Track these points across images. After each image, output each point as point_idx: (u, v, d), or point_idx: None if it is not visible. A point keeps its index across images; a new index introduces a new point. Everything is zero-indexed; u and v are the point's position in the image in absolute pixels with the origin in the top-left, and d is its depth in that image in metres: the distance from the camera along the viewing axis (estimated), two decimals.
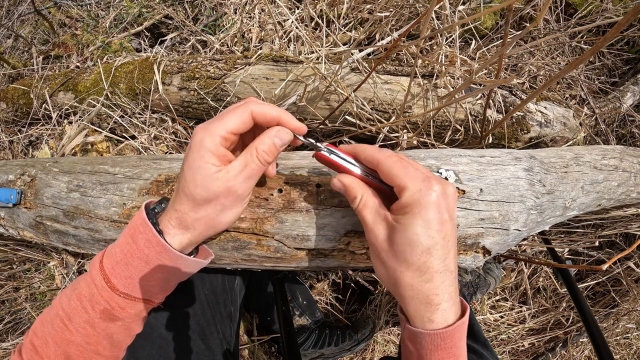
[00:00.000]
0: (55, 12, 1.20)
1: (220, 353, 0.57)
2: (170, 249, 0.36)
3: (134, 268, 0.37)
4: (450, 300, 0.35)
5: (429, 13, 0.47)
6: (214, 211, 0.37)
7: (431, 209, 0.33)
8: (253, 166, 0.36)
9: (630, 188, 0.70)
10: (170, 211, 0.37)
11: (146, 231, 0.36)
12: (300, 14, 0.94)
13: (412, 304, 0.35)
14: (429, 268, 0.33)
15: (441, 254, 0.34)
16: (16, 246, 0.89)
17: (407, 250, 0.33)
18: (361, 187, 0.38)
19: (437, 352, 0.35)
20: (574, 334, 1.17)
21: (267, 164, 0.37)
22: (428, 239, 0.33)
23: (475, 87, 0.76)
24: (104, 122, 0.92)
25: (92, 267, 0.38)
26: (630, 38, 1.13)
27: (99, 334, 0.38)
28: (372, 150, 0.37)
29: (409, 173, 0.34)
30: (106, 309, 0.37)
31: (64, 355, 0.38)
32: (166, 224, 0.37)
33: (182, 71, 0.83)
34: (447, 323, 0.35)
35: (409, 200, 0.33)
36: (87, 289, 0.38)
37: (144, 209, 0.38)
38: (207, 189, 0.35)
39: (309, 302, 1.04)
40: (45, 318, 0.39)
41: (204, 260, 0.42)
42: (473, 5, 0.95)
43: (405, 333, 0.37)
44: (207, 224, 0.38)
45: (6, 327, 0.95)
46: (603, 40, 0.39)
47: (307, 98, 0.76)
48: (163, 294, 0.41)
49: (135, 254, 0.36)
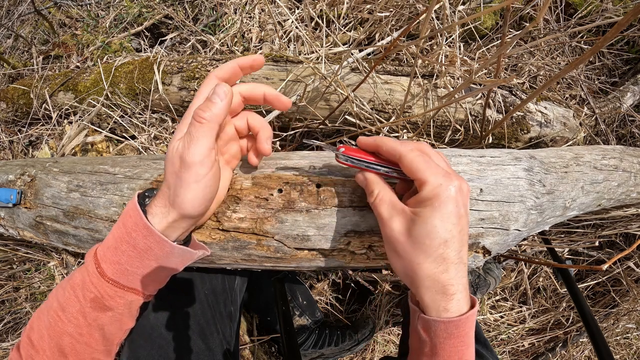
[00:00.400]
0: (55, 12, 1.20)
1: (220, 353, 0.57)
2: (155, 232, 0.36)
3: (122, 253, 0.37)
4: (464, 291, 0.37)
5: (428, 12, 0.47)
6: (179, 188, 0.36)
7: (450, 203, 0.34)
8: (192, 129, 0.35)
9: (630, 188, 0.70)
10: (159, 194, 0.38)
11: (134, 214, 0.36)
12: (300, 14, 0.94)
13: (428, 294, 0.36)
14: (445, 259, 0.35)
15: (457, 247, 0.35)
16: (16, 246, 0.89)
17: (427, 241, 0.35)
18: (378, 183, 0.39)
19: (450, 339, 0.36)
20: (574, 334, 1.17)
21: (205, 121, 0.35)
22: (446, 232, 0.34)
23: (475, 87, 0.76)
24: (104, 122, 0.92)
25: (87, 256, 0.39)
26: (630, 38, 1.13)
27: (90, 324, 0.38)
28: (394, 144, 0.38)
29: (430, 167, 0.35)
30: (96, 297, 0.37)
31: (57, 348, 0.38)
32: (152, 207, 0.37)
33: (182, 71, 0.84)
34: (461, 312, 0.36)
35: (430, 194, 0.34)
36: (80, 276, 0.38)
37: (136, 195, 0.38)
38: (170, 162, 0.36)
39: (309, 302, 1.04)
40: (42, 311, 0.40)
41: (194, 251, 0.41)
42: (473, 5, 0.95)
43: (419, 323, 0.38)
44: (176, 201, 0.36)
45: (6, 327, 0.95)
46: (603, 40, 0.39)
47: (307, 98, 0.76)
48: (153, 285, 0.41)
49: (124, 238, 0.37)
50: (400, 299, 1.15)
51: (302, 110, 0.79)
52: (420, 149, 0.38)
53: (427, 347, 0.38)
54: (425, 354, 0.38)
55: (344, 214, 0.45)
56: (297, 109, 0.78)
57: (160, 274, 0.40)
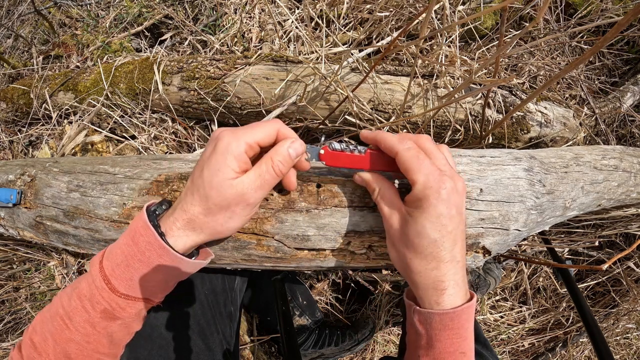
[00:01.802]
0: (55, 12, 1.20)
1: (220, 353, 0.57)
2: (171, 251, 0.36)
3: (134, 270, 0.37)
4: (457, 287, 0.37)
5: (428, 12, 0.47)
6: (224, 217, 0.37)
7: (440, 205, 0.35)
8: (267, 177, 0.36)
9: (630, 188, 0.70)
10: (178, 212, 0.37)
11: (147, 234, 0.36)
12: (300, 14, 0.94)
13: (420, 288, 0.38)
14: (435, 258, 0.36)
15: (447, 246, 0.36)
16: (16, 246, 0.89)
17: (416, 241, 0.36)
18: (378, 181, 0.40)
19: (445, 331, 0.37)
20: (574, 334, 1.17)
21: (282, 175, 0.37)
22: (435, 232, 0.35)
23: (475, 86, 0.76)
24: (104, 122, 0.92)
25: (92, 268, 0.38)
26: (630, 38, 1.13)
27: (99, 332, 0.38)
28: (392, 141, 0.38)
29: (423, 168, 0.35)
30: (106, 309, 0.37)
31: (63, 353, 0.38)
32: (170, 226, 0.37)
33: (182, 71, 0.84)
34: (454, 305, 0.37)
35: (420, 195, 0.35)
36: (88, 288, 0.38)
37: (145, 211, 0.37)
38: (220, 193, 0.35)
39: (309, 302, 1.04)
40: (45, 316, 0.39)
41: (205, 261, 0.42)
42: (473, 5, 0.95)
43: (415, 316, 0.39)
44: (216, 228, 0.38)
45: (6, 327, 0.95)
46: (603, 40, 0.39)
47: (307, 98, 0.76)
48: (163, 293, 0.42)
49: (136, 256, 0.36)
50: (400, 299, 1.15)
51: (302, 110, 0.79)
52: (420, 144, 0.38)
53: (423, 340, 0.39)
54: (421, 347, 0.39)
55: (344, 214, 0.45)
56: (297, 109, 0.78)
57: (171, 283, 0.41)
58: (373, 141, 0.40)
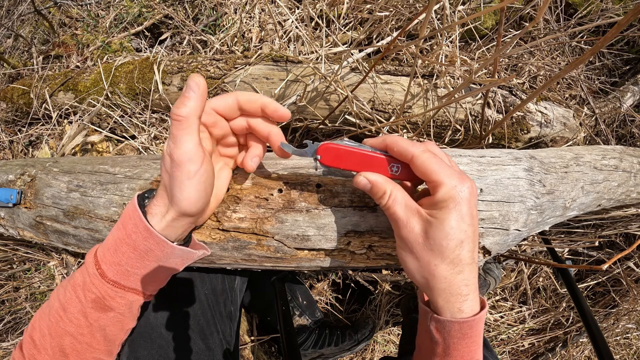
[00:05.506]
0: (55, 12, 1.20)
1: (220, 353, 0.57)
2: (155, 233, 0.36)
3: (122, 254, 0.37)
4: (476, 291, 0.37)
5: (428, 12, 0.47)
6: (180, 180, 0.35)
7: (465, 205, 0.35)
8: (173, 129, 0.34)
9: (630, 188, 0.70)
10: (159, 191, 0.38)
11: (134, 216, 0.36)
12: (300, 14, 0.94)
13: (443, 295, 0.36)
14: (460, 260, 0.35)
15: (470, 247, 0.36)
16: (16, 246, 0.89)
17: (444, 243, 0.35)
18: (389, 183, 0.38)
19: (464, 340, 0.36)
20: (574, 334, 1.17)
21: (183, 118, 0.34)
22: (461, 233, 0.35)
23: (475, 86, 0.76)
24: (104, 122, 0.92)
25: (88, 257, 0.39)
26: (630, 38, 1.13)
27: (92, 325, 0.38)
28: (405, 144, 0.37)
29: (444, 170, 0.35)
30: (97, 297, 0.37)
31: (58, 348, 0.38)
32: (151, 207, 0.37)
33: (182, 71, 0.83)
34: (474, 312, 0.37)
35: (446, 196, 0.34)
36: (81, 277, 0.38)
37: (135, 197, 0.38)
38: (163, 160, 0.36)
39: (309, 302, 1.04)
40: (44, 311, 0.40)
41: (195, 251, 0.41)
42: (473, 5, 0.95)
43: (431, 324, 0.38)
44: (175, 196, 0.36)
45: (6, 327, 0.95)
46: (603, 40, 0.39)
47: (307, 98, 0.76)
48: (153, 285, 0.41)
49: (124, 239, 0.37)
50: (400, 299, 1.15)
51: (302, 110, 0.79)
52: (431, 150, 0.37)
53: (439, 348, 0.38)
54: (437, 355, 0.38)
55: (344, 214, 0.45)
56: (297, 109, 0.78)
57: (161, 274, 0.40)
58: (382, 146, 0.39)
